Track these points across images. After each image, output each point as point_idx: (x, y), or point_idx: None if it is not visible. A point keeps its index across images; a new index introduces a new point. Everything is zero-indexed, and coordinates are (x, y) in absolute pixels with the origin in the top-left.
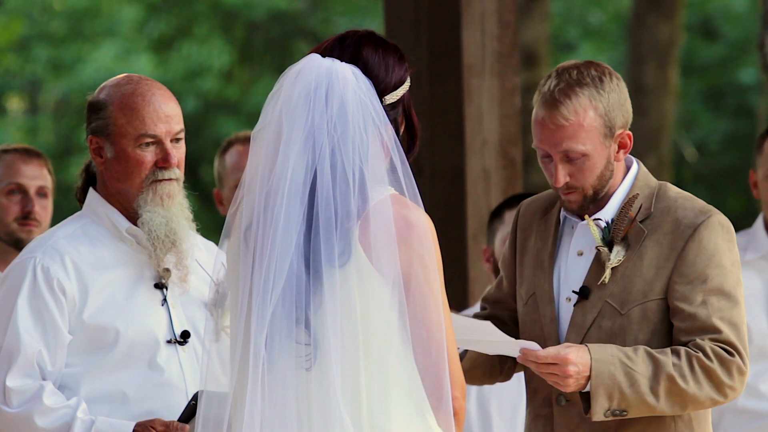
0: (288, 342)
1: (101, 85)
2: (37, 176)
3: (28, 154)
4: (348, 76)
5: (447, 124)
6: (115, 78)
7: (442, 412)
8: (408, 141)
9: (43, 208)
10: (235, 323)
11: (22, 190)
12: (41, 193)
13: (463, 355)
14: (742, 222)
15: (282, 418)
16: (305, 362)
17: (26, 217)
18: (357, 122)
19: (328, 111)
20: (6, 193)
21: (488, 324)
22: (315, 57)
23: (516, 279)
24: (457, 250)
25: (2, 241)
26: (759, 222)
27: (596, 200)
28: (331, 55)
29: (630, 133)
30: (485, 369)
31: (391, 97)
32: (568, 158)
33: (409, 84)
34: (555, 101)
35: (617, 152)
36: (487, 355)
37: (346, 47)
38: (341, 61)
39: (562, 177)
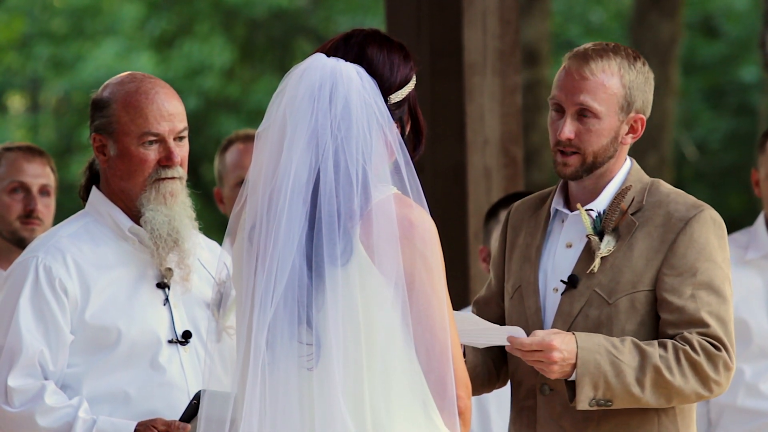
0: (290, 341)
1: (105, 83)
2: (39, 174)
3: (31, 152)
4: (352, 76)
5: (448, 123)
6: (118, 76)
7: (446, 411)
8: (414, 140)
9: (46, 207)
10: (239, 323)
11: (24, 189)
12: (44, 191)
13: None
14: (743, 221)
15: (284, 417)
16: (307, 362)
17: (29, 215)
18: (361, 122)
19: (332, 111)
20: (9, 192)
21: (471, 314)
22: (320, 56)
23: (504, 276)
24: (458, 249)
25: (5, 240)
26: (760, 221)
27: (591, 172)
28: (335, 55)
29: (644, 118)
30: (484, 379)
31: (396, 96)
32: (580, 115)
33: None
34: (587, 56)
35: (626, 134)
36: (485, 364)
37: (351, 46)
38: (346, 60)
39: (568, 131)
